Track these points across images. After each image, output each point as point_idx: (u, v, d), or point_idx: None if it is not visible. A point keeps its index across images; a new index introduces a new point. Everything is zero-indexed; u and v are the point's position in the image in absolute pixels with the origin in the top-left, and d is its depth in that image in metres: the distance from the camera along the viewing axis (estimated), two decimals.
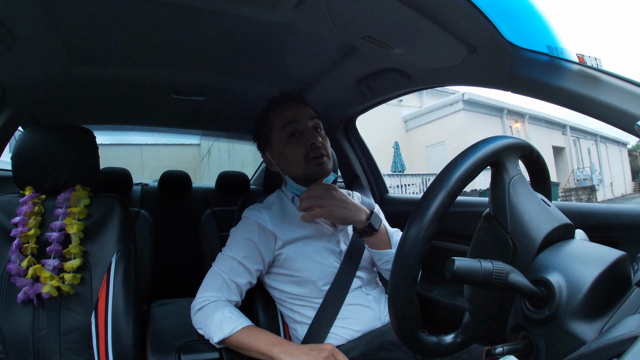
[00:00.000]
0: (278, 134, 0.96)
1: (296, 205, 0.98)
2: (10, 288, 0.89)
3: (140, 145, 12.63)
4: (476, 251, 0.55)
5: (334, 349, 0.77)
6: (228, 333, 0.80)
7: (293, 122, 0.95)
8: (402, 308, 0.48)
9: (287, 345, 0.78)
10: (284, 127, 0.95)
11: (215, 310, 0.84)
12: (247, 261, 0.90)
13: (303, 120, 0.95)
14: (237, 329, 0.81)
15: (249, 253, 0.91)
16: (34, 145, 0.96)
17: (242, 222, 0.96)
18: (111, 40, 0.98)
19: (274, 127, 0.97)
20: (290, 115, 0.96)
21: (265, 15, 0.83)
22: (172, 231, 2.03)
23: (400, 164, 10.77)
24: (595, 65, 0.69)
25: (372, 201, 1.15)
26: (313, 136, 0.94)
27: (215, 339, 0.81)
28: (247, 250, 0.91)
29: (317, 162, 0.93)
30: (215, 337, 0.81)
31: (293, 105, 0.98)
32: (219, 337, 0.80)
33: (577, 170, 15.40)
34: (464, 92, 11.40)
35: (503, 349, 0.45)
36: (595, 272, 0.43)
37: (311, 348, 0.77)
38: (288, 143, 0.95)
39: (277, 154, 0.98)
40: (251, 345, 0.79)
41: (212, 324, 0.82)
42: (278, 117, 0.97)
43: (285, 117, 0.96)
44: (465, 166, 0.48)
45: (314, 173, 0.94)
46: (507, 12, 0.76)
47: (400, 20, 0.77)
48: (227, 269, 0.90)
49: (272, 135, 0.98)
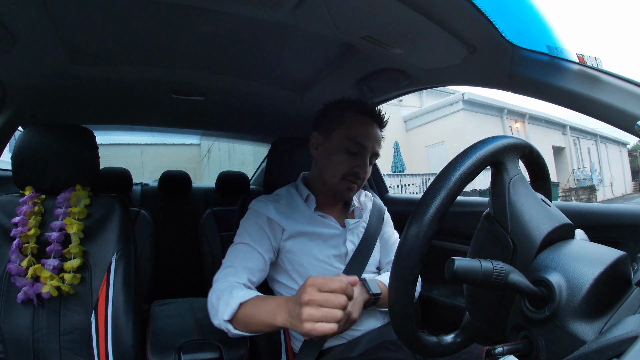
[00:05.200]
0: (343, 137, 0.94)
1: (309, 205, 0.97)
2: (10, 288, 0.89)
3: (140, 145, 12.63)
4: (476, 251, 0.55)
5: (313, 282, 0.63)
6: (235, 307, 0.73)
7: (360, 144, 0.93)
8: (402, 308, 0.48)
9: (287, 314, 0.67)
10: (351, 138, 0.93)
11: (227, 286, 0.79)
12: (258, 245, 0.88)
13: (369, 147, 0.94)
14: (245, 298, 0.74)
15: (259, 237, 0.89)
16: (34, 145, 0.96)
17: (249, 212, 0.95)
18: (111, 40, 0.98)
19: (345, 129, 0.94)
20: (363, 134, 0.94)
21: (265, 16, 0.83)
22: (172, 231, 2.03)
23: (400, 164, 10.77)
24: (595, 65, 0.69)
25: (382, 203, 1.14)
26: (364, 166, 0.94)
27: (226, 317, 0.74)
28: (256, 235, 0.90)
29: (348, 186, 0.94)
30: (227, 314, 0.74)
31: (373, 127, 0.96)
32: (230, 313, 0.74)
33: (577, 170, 15.41)
34: (464, 92, 11.40)
35: (503, 349, 0.45)
36: (595, 272, 0.43)
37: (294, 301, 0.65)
38: (342, 152, 0.93)
39: (327, 148, 0.96)
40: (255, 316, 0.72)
41: (222, 302, 0.76)
42: (354, 126, 0.94)
43: (359, 132, 0.94)
44: (465, 166, 0.48)
45: (339, 192, 0.95)
46: (507, 12, 0.76)
47: (400, 20, 0.77)
48: (236, 257, 0.87)
49: (336, 132, 0.95)
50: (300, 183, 1.03)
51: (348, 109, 0.97)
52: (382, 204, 1.13)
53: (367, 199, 1.09)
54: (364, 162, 0.94)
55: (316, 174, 1.00)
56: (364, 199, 1.09)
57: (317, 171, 0.99)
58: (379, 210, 1.08)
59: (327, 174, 0.95)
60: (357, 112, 0.96)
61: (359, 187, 0.97)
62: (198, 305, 1.13)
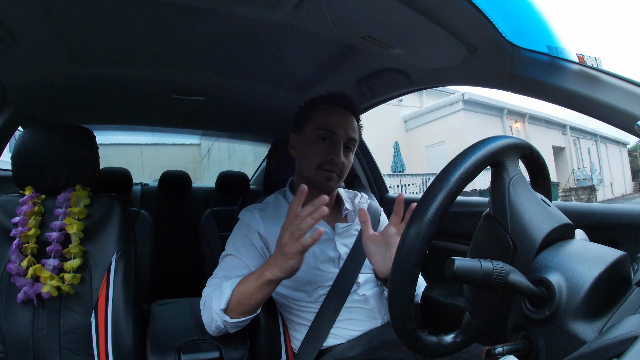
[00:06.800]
0: (314, 129, 0.95)
1: None
2: (10, 288, 0.89)
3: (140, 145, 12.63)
4: (476, 251, 0.55)
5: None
6: (229, 293, 0.80)
7: (331, 131, 0.94)
8: (402, 308, 0.48)
9: (270, 264, 0.77)
10: (322, 127, 0.94)
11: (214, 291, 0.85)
12: (244, 256, 0.91)
13: (341, 134, 0.94)
14: (235, 283, 0.81)
15: (245, 249, 0.91)
16: (34, 145, 0.96)
17: (238, 224, 0.98)
18: (111, 40, 0.98)
19: (315, 120, 0.96)
20: (334, 122, 0.94)
21: (265, 15, 0.83)
22: (172, 231, 2.03)
23: (400, 164, 10.77)
24: (595, 65, 0.69)
25: (378, 205, 1.14)
26: (337, 153, 0.93)
27: (222, 305, 0.80)
28: (242, 246, 0.92)
29: (326, 175, 0.94)
30: (222, 303, 0.80)
31: (343, 114, 0.96)
32: (225, 300, 0.80)
33: (577, 170, 15.40)
34: (464, 92, 11.40)
35: (503, 349, 0.45)
36: (595, 272, 0.43)
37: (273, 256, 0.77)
38: (316, 143, 0.94)
39: (302, 144, 0.98)
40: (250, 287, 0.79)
41: (214, 299, 0.82)
42: (323, 116, 0.96)
43: (329, 121, 0.94)
44: (465, 166, 0.48)
45: (318, 183, 0.94)
46: (507, 12, 0.76)
47: (400, 20, 0.77)
48: (221, 269, 0.91)
49: (309, 126, 0.96)
50: (288, 189, 1.03)
51: (320, 104, 0.98)
52: (377, 207, 1.12)
53: (363, 202, 1.09)
54: (337, 149, 0.94)
55: (297, 173, 1.00)
56: (358, 201, 1.08)
57: (299, 166, 0.99)
58: (374, 213, 1.08)
59: (303, 167, 0.96)
60: (326, 104, 0.97)
61: (340, 177, 0.96)
62: (198, 306, 1.13)
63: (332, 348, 0.90)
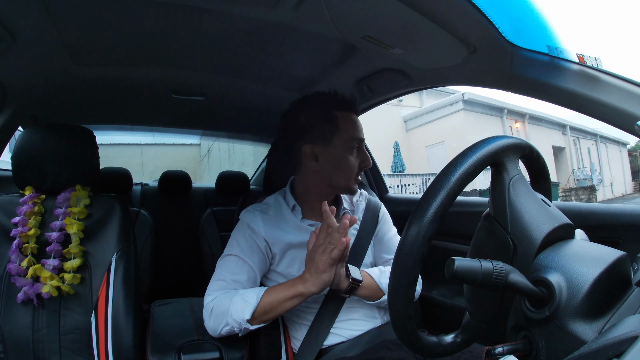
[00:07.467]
0: (344, 141, 0.92)
1: (296, 215, 0.97)
2: (10, 288, 0.89)
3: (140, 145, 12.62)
4: (476, 251, 0.55)
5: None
6: (255, 302, 0.81)
7: (359, 139, 0.95)
8: (402, 308, 0.48)
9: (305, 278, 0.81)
10: (353, 138, 0.93)
11: (230, 298, 0.83)
12: (248, 258, 0.90)
13: (364, 137, 0.97)
14: (261, 293, 0.82)
15: (249, 250, 0.91)
16: (34, 145, 0.96)
17: (239, 224, 0.97)
18: (111, 40, 0.98)
19: (342, 132, 0.92)
20: (358, 129, 0.95)
21: (265, 15, 0.83)
22: (172, 231, 2.03)
23: (400, 164, 10.77)
24: (595, 65, 0.69)
25: (378, 200, 1.14)
26: (368, 159, 0.97)
27: (247, 316, 0.80)
28: (247, 247, 0.91)
29: (357, 180, 0.97)
30: (247, 313, 0.80)
31: (355, 117, 0.97)
32: (250, 310, 0.80)
33: (577, 170, 15.40)
34: (464, 92, 11.40)
35: (503, 349, 0.45)
36: (595, 272, 0.43)
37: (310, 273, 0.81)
38: (350, 153, 0.93)
39: (331, 156, 0.92)
40: (279, 298, 0.81)
41: (235, 307, 0.81)
42: (347, 125, 0.93)
43: (355, 130, 0.95)
44: (465, 166, 0.48)
45: (353, 189, 0.97)
46: (507, 12, 0.76)
47: (400, 20, 0.77)
48: (227, 270, 0.89)
49: (337, 138, 0.92)
50: (288, 191, 1.01)
51: (334, 110, 0.94)
52: (377, 202, 1.11)
53: (362, 199, 1.09)
54: (366, 155, 0.97)
55: (314, 181, 0.96)
56: (357, 199, 1.08)
57: (328, 176, 0.94)
58: (373, 209, 1.07)
59: (341, 179, 0.94)
60: (343, 110, 0.95)
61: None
62: (198, 305, 1.13)
63: (332, 347, 0.90)
